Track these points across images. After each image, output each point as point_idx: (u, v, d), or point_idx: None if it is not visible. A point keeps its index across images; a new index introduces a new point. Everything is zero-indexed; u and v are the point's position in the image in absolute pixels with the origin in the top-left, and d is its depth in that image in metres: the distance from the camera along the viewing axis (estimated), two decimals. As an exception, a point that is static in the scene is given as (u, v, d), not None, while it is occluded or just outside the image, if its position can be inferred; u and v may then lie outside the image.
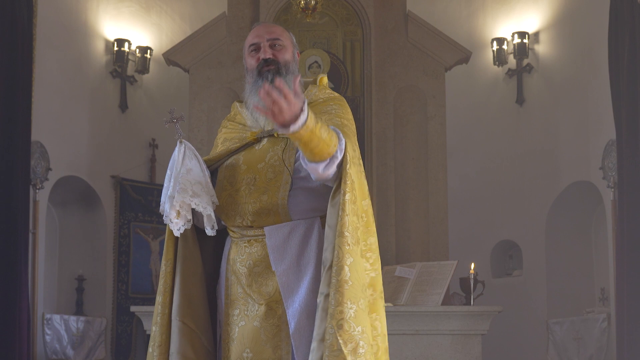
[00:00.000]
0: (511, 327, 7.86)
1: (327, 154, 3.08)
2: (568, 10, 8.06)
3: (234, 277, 3.33)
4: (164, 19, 8.80)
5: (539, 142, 8.23)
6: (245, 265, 3.30)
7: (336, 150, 3.11)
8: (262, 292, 3.28)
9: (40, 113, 7.25)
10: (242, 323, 3.29)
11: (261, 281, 3.29)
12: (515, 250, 8.40)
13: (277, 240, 3.28)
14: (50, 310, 7.74)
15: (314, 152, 3.06)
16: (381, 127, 7.58)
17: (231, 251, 3.36)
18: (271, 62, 3.36)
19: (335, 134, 3.14)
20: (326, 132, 3.06)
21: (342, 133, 3.20)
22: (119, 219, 8.25)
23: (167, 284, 3.31)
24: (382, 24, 7.71)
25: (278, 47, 3.40)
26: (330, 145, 3.07)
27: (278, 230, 3.29)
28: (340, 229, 3.10)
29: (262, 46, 3.39)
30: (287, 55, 3.41)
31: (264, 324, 3.26)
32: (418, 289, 6.76)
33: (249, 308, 3.29)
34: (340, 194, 3.13)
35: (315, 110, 3.26)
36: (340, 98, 3.54)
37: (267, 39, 3.40)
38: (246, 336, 3.27)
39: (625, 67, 6.58)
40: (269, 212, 3.27)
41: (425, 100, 7.67)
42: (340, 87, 7.60)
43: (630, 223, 6.48)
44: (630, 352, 6.33)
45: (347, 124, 3.37)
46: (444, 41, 7.74)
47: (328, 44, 7.68)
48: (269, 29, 3.45)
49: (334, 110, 3.43)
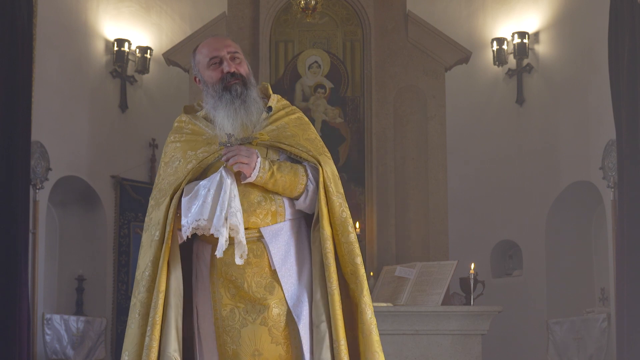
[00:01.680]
0: (511, 327, 7.86)
1: (297, 192, 3.37)
2: (568, 10, 8.06)
3: (223, 280, 3.33)
4: (164, 19, 8.80)
5: (539, 142, 8.22)
6: (241, 267, 3.30)
7: (305, 185, 3.37)
8: (264, 292, 3.31)
9: (40, 113, 7.24)
10: (244, 325, 3.31)
11: (260, 281, 3.32)
12: (515, 250, 8.40)
13: (275, 240, 3.34)
14: (50, 310, 7.74)
15: (284, 192, 3.36)
16: (381, 127, 7.58)
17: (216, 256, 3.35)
18: (237, 76, 3.41)
19: (302, 169, 3.38)
20: (288, 175, 3.34)
21: (320, 161, 3.39)
22: (119, 219, 8.25)
23: (158, 317, 3.25)
24: (382, 24, 7.71)
25: (237, 61, 3.46)
26: (296, 184, 3.35)
27: (275, 230, 3.35)
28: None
29: (225, 59, 3.42)
30: (245, 67, 3.48)
31: (270, 323, 3.29)
32: (418, 289, 6.76)
33: (249, 310, 3.31)
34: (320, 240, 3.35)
35: (285, 121, 3.47)
36: (298, 110, 3.63)
37: (227, 52, 3.44)
38: (252, 337, 3.29)
39: (625, 67, 6.58)
40: (267, 213, 3.33)
41: (425, 100, 7.68)
42: (340, 87, 7.61)
43: (630, 223, 6.48)
44: (630, 352, 6.33)
45: (319, 143, 3.54)
46: (444, 41, 7.74)
47: (328, 44, 7.68)
48: (226, 43, 3.49)
49: (305, 132, 3.54)
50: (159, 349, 3.25)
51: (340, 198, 3.38)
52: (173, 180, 3.39)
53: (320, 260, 3.31)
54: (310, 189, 3.38)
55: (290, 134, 3.44)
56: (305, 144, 3.42)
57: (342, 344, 3.22)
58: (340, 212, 3.35)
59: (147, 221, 3.43)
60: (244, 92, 3.40)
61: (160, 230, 3.33)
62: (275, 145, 3.41)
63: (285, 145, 3.40)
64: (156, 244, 3.33)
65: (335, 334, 3.23)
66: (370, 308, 3.31)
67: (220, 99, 3.40)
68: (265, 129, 3.44)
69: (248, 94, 3.41)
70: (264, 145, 3.41)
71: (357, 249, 3.35)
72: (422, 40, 7.71)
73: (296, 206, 3.40)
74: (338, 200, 3.37)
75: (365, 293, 3.32)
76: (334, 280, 3.26)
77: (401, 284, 6.84)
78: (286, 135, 3.43)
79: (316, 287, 3.30)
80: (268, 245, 3.32)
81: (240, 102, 3.38)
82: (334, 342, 3.22)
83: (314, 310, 3.29)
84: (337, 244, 3.34)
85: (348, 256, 3.33)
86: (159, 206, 3.37)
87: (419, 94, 7.68)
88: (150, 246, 3.36)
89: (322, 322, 3.26)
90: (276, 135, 3.42)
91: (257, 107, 3.44)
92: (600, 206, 7.63)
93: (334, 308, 3.24)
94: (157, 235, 3.34)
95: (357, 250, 3.34)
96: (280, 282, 3.31)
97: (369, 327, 3.28)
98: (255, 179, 3.29)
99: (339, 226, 3.34)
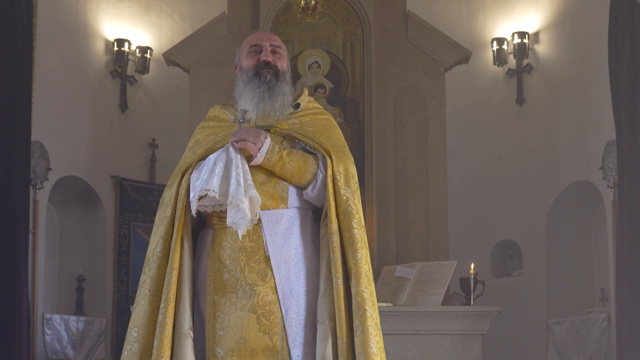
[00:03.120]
0: (511, 327, 7.86)
1: (305, 180, 3.34)
2: (568, 10, 8.06)
3: (218, 265, 3.32)
4: (164, 19, 8.80)
5: (539, 142, 8.22)
6: (236, 250, 3.29)
7: (315, 174, 3.34)
8: (255, 278, 3.28)
9: (40, 113, 7.24)
10: (233, 311, 3.27)
11: (254, 266, 3.29)
12: (515, 250, 8.40)
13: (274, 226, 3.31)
14: (50, 310, 7.74)
15: (292, 179, 3.33)
16: (381, 127, 7.58)
17: (216, 238, 3.34)
18: (272, 66, 3.47)
19: (313, 158, 3.35)
20: (297, 162, 3.31)
21: (332, 155, 3.36)
22: (119, 219, 8.25)
23: (172, 294, 3.23)
24: (382, 24, 7.71)
25: (278, 55, 3.53)
26: (305, 171, 3.32)
27: (275, 216, 3.32)
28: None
29: (265, 49, 3.50)
30: (284, 64, 3.54)
31: (259, 311, 3.26)
32: (418, 289, 6.76)
33: (240, 295, 3.28)
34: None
35: (311, 118, 3.47)
36: (328, 114, 3.65)
37: (269, 44, 3.52)
38: (240, 324, 3.26)
39: (625, 67, 6.58)
40: (269, 196, 3.31)
41: (425, 100, 7.67)
42: (340, 87, 7.60)
43: (630, 223, 6.48)
44: (630, 352, 6.33)
45: (340, 143, 3.51)
46: (444, 41, 7.74)
47: (328, 44, 7.68)
48: (271, 37, 3.58)
49: (328, 131, 3.53)
50: (173, 327, 3.22)
51: (349, 193, 3.33)
52: (190, 161, 3.42)
53: (328, 256, 3.27)
54: (320, 178, 3.35)
55: (312, 130, 3.45)
56: (321, 139, 3.41)
57: (345, 341, 3.18)
58: (346, 207, 3.31)
59: (160, 201, 3.45)
60: (273, 81, 3.44)
61: (172, 206, 3.33)
62: (290, 134, 3.42)
63: (300, 135, 3.41)
64: (167, 221, 3.32)
65: (340, 331, 3.19)
66: (366, 305, 3.21)
67: (249, 83, 3.46)
68: (288, 121, 3.46)
69: (277, 84, 3.45)
70: (281, 134, 3.42)
71: (359, 244, 3.27)
72: (422, 40, 7.71)
73: (304, 195, 3.37)
74: (346, 194, 3.33)
75: (362, 289, 3.22)
76: (340, 275, 3.23)
77: (401, 284, 6.84)
78: (307, 130, 3.45)
79: (322, 283, 3.27)
80: (264, 231, 3.30)
81: (266, 88, 3.43)
82: (338, 339, 3.19)
83: (320, 307, 3.25)
84: (342, 238, 3.30)
85: (349, 251, 3.28)
86: (172, 185, 3.39)
87: (419, 94, 7.68)
88: (162, 223, 3.35)
89: (326, 319, 3.23)
90: (297, 128, 3.44)
91: (283, 99, 3.47)
92: (600, 206, 7.63)
93: (339, 304, 3.20)
94: (168, 212, 3.34)
95: (357, 246, 3.27)
96: (273, 270, 3.28)
97: (364, 324, 3.18)
98: (263, 160, 3.28)
99: (342, 221, 3.30)
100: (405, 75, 7.68)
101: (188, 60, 7.70)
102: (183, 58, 7.73)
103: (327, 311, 3.24)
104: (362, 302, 3.22)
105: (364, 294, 3.24)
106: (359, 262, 3.26)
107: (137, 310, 3.29)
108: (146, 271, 3.33)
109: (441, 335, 6.58)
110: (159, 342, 3.19)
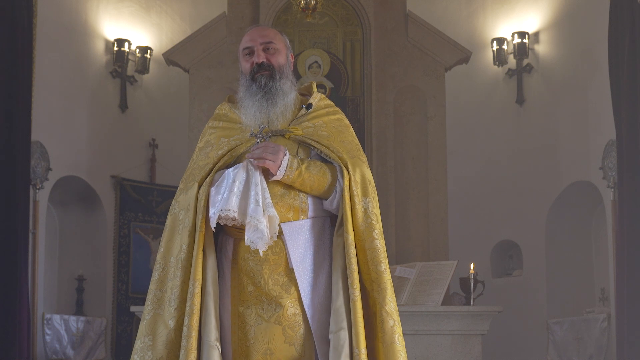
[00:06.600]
0: (511, 327, 7.86)
1: (325, 192, 3.35)
2: (568, 10, 8.06)
3: (242, 276, 3.31)
4: (164, 19, 8.80)
5: (539, 142, 8.22)
6: (259, 262, 3.29)
7: (335, 186, 3.34)
8: (280, 290, 3.28)
9: (40, 113, 7.25)
10: (259, 323, 3.28)
11: (277, 278, 3.29)
12: (515, 250, 8.40)
13: (295, 238, 3.31)
14: (50, 310, 7.74)
15: (312, 192, 3.33)
16: (381, 127, 7.58)
17: (239, 250, 3.33)
18: (265, 67, 3.42)
19: (332, 170, 3.35)
20: (317, 175, 3.31)
21: (348, 164, 3.35)
22: (119, 219, 8.25)
23: (196, 306, 3.21)
24: (382, 24, 7.71)
25: (272, 51, 3.46)
26: (324, 184, 3.33)
27: (296, 227, 3.31)
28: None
29: (256, 50, 3.44)
30: (280, 58, 3.46)
31: (285, 323, 3.27)
32: (418, 289, 6.76)
33: (265, 307, 3.28)
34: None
35: (324, 120, 3.45)
36: (340, 111, 3.62)
37: (260, 42, 3.45)
38: (266, 335, 3.27)
39: (625, 67, 6.58)
40: (289, 208, 3.30)
41: (425, 100, 7.68)
42: (340, 87, 7.60)
43: (630, 223, 6.48)
44: (630, 352, 6.33)
45: (354, 146, 3.50)
46: (444, 41, 7.74)
47: (328, 44, 7.68)
48: (262, 32, 3.50)
49: (342, 134, 3.51)
50: (198, 338, 3.21)
51: (368, 203, 3.33)
52: (203, 165, 3.40)
53: (342, 266, 3.26)
54: (339, 189, 3.34)
55: (326, 134, 3.42)
56: (337, 146, 3.39)
57: (363, 352, 3.16)
58: (364, 218, 3.30)
59: (173, 204, 3.42)
60: (269, 84, 3.40)
61: (191, 218, 3.30)
62: (306, 141, 3.39)
63: (316, 143, 3.38)
64: (188, 231, 3.30)
65: (356, 342, 3.16)
66: (393, 317, 3.23)
67: (248, 89, 3.43)
68: (302, 124, 3.43)
69: (273, 85, 3.41)
70: (296, 140, 3.39)
71: (382, 255, 3.28)
72: (422, 40, 7.71)
73: (324, 206, 3.37)
74: (363, 206, 3.32)
75: (389, 301, 3.24)
76: (357, 286, 3.22)
77: (401, 284, 6.84)
78: (321, 134, 3.42)
79: (337, 293, 3.25)
80: (287, 243, 3.29)
81: (262, 94, 3.40)
82: (354, 349, 3.17)
83: (334, 317, 3.23)
84: (359, 250, 3.29)
85: (371, 263, 3.27)
86: (187, 191, 3.36)
87: (419, 94, 7.68)
88: (180, 232, 3.32)
89: (341, 329, 3.20)
90: (311, 133, 3.41)
91: (283, 100, 3.43)
92: (600, 206, 7.63)
93: (355, 315, 3.19)
94: (187, 222, 3.31)
95: (381, 257, 3.28)
96: (297, 282, 3.28)
97: (392, 336, 3.21)
98: (283, 177, 3.27)
99: (363, 232, 3.29)
100: (405, 76, 7.68)
101: (188, 60, 7.70)
102: (183, 58, 7.73)
103: (344, 320, 3.22)
104: (392, 313, 3.24)
105: (391, 304, 3.26)
106: (383, 274, 3.27)
107: (150, 321, 3.28)
108: (166, 280, 3.31)
109: (441, 335, 6.58)
110: (185, 353, 3.18)
